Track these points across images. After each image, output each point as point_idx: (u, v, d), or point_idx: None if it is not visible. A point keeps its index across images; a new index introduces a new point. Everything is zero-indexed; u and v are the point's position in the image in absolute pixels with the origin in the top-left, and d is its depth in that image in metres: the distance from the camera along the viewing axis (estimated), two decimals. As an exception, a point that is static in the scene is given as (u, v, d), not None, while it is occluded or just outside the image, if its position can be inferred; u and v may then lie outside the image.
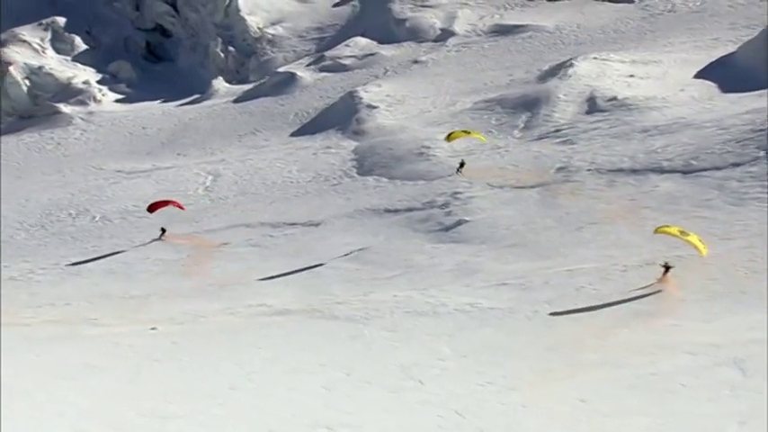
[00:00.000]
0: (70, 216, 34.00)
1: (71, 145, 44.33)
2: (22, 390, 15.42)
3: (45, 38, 52.53)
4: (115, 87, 50.55)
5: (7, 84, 49.31)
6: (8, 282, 27.27)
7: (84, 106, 48.08)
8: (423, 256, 24.22)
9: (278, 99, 44.19)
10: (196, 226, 30.71)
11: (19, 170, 42.03)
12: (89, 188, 37.76)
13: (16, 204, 36.88)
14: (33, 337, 20.46)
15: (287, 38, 50.79)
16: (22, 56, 50.47)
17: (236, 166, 36.80)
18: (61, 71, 50.41)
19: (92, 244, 30.51)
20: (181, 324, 21.12)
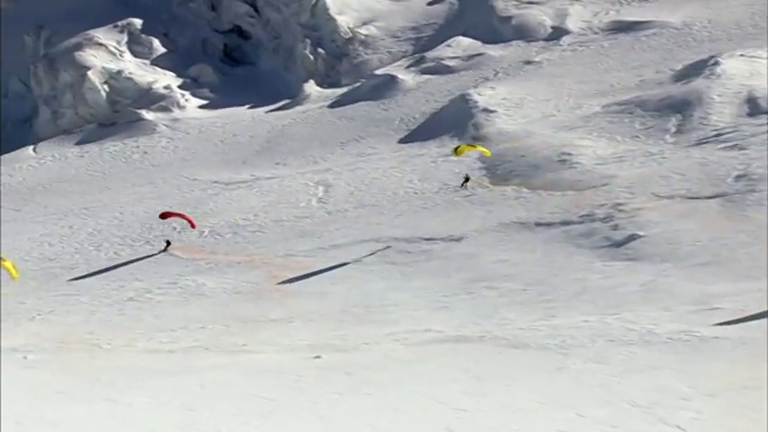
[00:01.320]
0: (175, 230, 32.99)
1: (158, 154, 43.52)
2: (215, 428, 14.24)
3: (121, 40, 51.97)
4: (197, 92, 49.73)
5: (85, 89, 48.72)
6: (128, 303, 26.30)
7: (168, 113, 47.31)
8: (596, 275, 22.75)
9: (379, 103, 43.01)
10: (318, 241, 29.54)
11: (106, 181, 41.28)
12: (188, 200, 36.81)
13: (112, 218, 36.05)
14: (186, 365, 19.33)
15: (380, 38, 49.64)
16: (100, 60, 49.92)
17: (346, 176, 35.62)
18: (141, 76, 49.74)
19: (205, 261, 29.48)
20: (344, 352, 19.84)
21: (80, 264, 31.27)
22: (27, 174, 42.93)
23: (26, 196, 40.39)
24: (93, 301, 26.70)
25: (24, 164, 44.19)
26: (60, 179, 41.94)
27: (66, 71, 49.48)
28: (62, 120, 48.67)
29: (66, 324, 24.73)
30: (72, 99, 48.91)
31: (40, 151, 45.73)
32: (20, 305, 27.10)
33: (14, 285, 29.70)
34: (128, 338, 22.56)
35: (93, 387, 17.15)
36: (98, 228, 35.12)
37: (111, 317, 25.22)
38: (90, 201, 38.95)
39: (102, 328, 24.07)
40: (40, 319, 25.37)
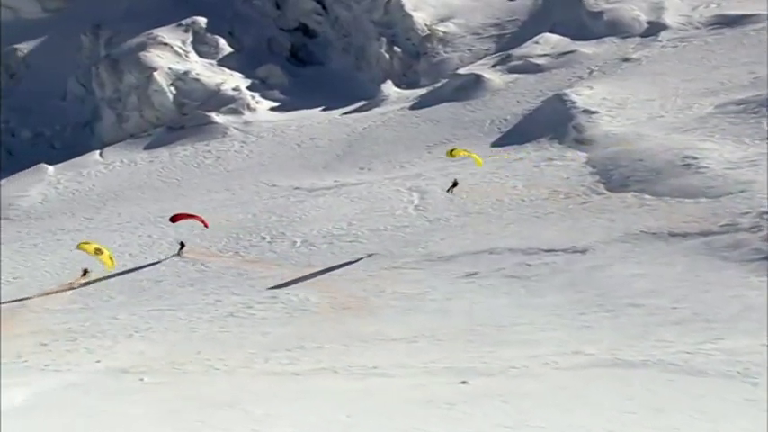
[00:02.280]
0: (264, 240, 32.02)
1: (232, 158, 42.64)
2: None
3: (186, 40, 51.22)
4: (267, 94, 48.84)
5: (151, 91, 48.03)
6: (229, 319, 25.30)
7: (239, 115, 46.43)
8: (754, 291, 21.36)
9: (465, 104, 41.79)
10: (424, 252, 28.36)
11: (180, 187, 40.46)
12: (271, 208, 35.84)
13: (192, 227, 35.12)
14: (319, 389, 18.24)
15: (460, 36, 48.43)
16: (166, 60, 49.19)
17: (440, 182, 34.43)
18: (208, 77, 48.94)
19: (305, 274, 28.41)
20: (490, 376, 18.63)
21: (167, 276, 30.38)
22: (96, 180, 42.24)
23: (97, 204, 39.68)
24: (190, 317, 25.73)
25: (92, 169, 43.52)
26: (132, 186, 41.20)
27: (130, 72, 48.83)
28: (127, 123, 48.01)
29: (168, 342, 23.76)
30: (137, 102, 48.26)
31: (107, 156, 45.07)
32: (113, 321, 26.23)
33: (102, 299, 29.02)
34: (242, 359, 21.52)
35: (230, 416, 16.14)
36: (180, 238, 34.21)
37: (214, 334, 24.22)
38: (165, 208, 38.04)
39: (209, 346, 23.06)
40: (139, 337, 24.42)
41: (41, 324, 26.61)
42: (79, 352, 23.34)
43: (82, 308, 28.15)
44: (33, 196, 40.61)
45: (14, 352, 23.41)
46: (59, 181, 42.25)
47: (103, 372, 20.86)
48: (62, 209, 39.28)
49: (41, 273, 32.52)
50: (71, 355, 23.04)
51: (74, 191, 41.16)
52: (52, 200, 40.30)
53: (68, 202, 39.91)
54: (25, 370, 21.42)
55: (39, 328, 26.19)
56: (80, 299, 29.16)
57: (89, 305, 28.40)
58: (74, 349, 23.63)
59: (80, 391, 18.87)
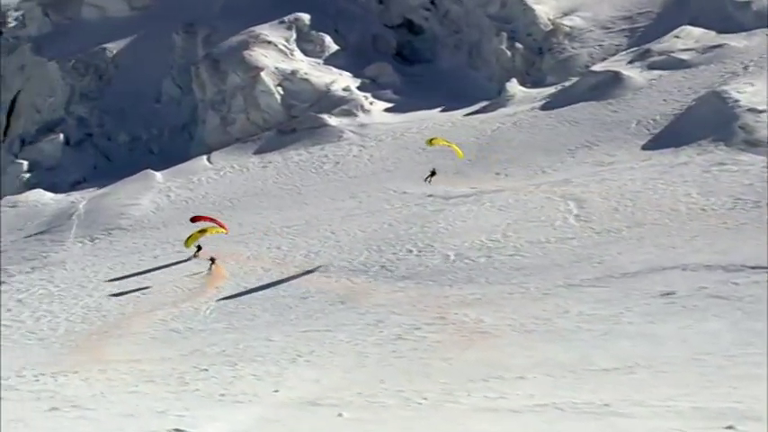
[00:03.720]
0: (411, 253, 30.34)
1: (352, 163, 41.10)
2: None
3: (290, 38, 49.84)
4: (379, 94, 47.27)
5: (258, 92, 46.69)
6: (398, 342, 23.58)
7: (353, 117, 44.91)
8: None
9: (604, 104, 39.77)
10: (602, 268, 26.41)
11: (300, 195, 38.98)
12: (406, 217, 34.17)
13: (324, 238, 33.61)
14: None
15: (588, 30, 46.43)
16: (271, 59, 47.83)
17: (595, 188, 32.49)
18: (317, 76, 47.49)
19: (468, 291, 26.67)
20: (759, 420, 16.70)
21: (312, 292, 28.86)
22: (208, 187, 40.97)
23: (213, 212, 38.19)
24: (354, 340, 24.08)
25: (202, 176, 42.27)
26: (247, 193, 39.85)
27: (234, 73, 47.54)
28: (232, 126, 46.73)
29: (340, 369, 22.11)
30: (243, 103, 46.98)
31: (216, 161, 43.79)
32: (268, 343, 24.67)
33: (247, 318, 27.56)
34: (438, 390, 19.80)
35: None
36: (313, 250, 32.72)
37: (388, 360, 22.52)
38: (289, 218, 36.66)
39: (390, 375, 21.36)
40: (304, 362, 22.80)
41: (189, 345, 25.20)
42: (247, 379, 21.79)
43: (227, 328, 26.72)
44: (145, 204, 39.43)
45: (177, 378, 22.00)
46: (170, 188, 41.05)
47: (291, 404, 19.29)
48: (176, 218, 38.02)
49: (171, 288, 31.24)
50: (240, 383, 21.48)
51: (186, 199, 39.91)
52: (165, 208, 39.09)
53: (182, 211, 38.61)
54: (202, 400, 19.93)
55: (188, 349, 24.76)
56: (223, 317, 27.73)
57: (234, 325, 26.96)
58: (239, 376, 22.10)
59: (283, 428, 17.32)
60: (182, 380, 21.75)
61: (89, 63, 56.67)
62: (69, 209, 39.95)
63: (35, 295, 31.65)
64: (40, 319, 29.10)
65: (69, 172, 47.20)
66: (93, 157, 49.07)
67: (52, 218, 39.65)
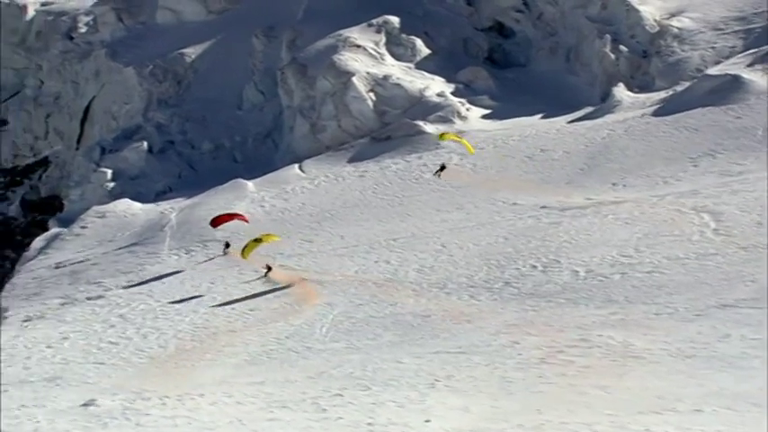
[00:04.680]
0: (536, 269, 29.08)
1: (454, 173, 39.81)
2: None
3: (379, 41, 48.88)
4: (475, 100, 46.12)
5: (349, 98, 45.76)
6: (543, 366, 22.27)
7: (449, 124, 43.79)
8: None
9: (725, 110, 38.18)
10: (754, 286, 25.01)
11: (402, 206, 37.92)
12: (521, 230, 32.93)
13: (435, 252, 32.49)
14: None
15: (698, 32, 44.89)
16: (361, 64, 46.92)
17: (731, 200, 31.01)
18: (410, 81, 46.47)
19: (608, 311, 25.34)
20: None
21: (433, 310, 27.72)
22: (303, 197, 40.07)
23: (312, 224, 37.44)
24: (494, 362, 22.82)
25: (295, 185, 41.39)
26: (346, 204, 38.88)
27: (324, 78, 46.67)
28: (323, 134, 45.85)
29: (487, 396, 20.85)
30: (333, 110, 46.09)
31: (308, 171, 42.90)
32: (398, 365, 23.57)
33: (368, 337, 26.48)
34: (608, 423, 18.51)
35: None
36: (425, 264, 31.60)
37: (536, 386, 21.18)
38: (393, 230, 35.60)
39: (543, 403, 20.08)
40: (445, 388, 21.59)
41: (313, 366, 24.15)
42: (388, 406, 20.65)
43: (348, 348, 25.65)
44: (240, 216, 38.61)
45: (311, 404, 20.98)
46: (263, 198, 40.21)
47: (452, 437, 18.19)
48: (274, 229, 37.00)
49: (278, 303, 30.31)
50: (383, 410, 20.34)
51: (282, 209, 39.01)
52: (260, 219, 38.19)
53: (279, 223, 37.75)
54: (350, 430, 18.91)
55: (312, 371, 23.71)
56: (341, 336, 26.67)
57: (355, 344, 25.90)
58: (379, 402, 20.98)
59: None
60: (317, 406, 20.73)
61: (167, 69, 56.24)
62: (161, 220, 39.27)
63: (137, 310, 30.91)
64: (147, 336, 28.31)
65: (154, 181, 46.65)
66: (177, 165, 48.48)
67: (143, 229, 39.00)
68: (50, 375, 25.11)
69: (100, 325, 29.67)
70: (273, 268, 33.07)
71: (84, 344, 27.92)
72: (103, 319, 30.21)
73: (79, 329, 29.31)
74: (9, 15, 71.01)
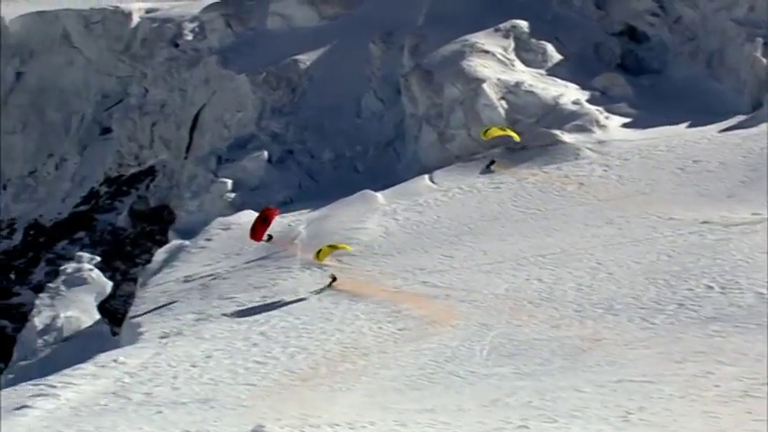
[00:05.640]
0: (710, 289, 27.41)
1: (599, 185, 38.39)
2: None
3: (508, 47, 47.59)
4: (613, 108, 44.49)
5: (480, 106, 44.52)
6: (747, 399, 20.54)
7: (588, 133, 42.28)
8: None
9: None
10: None
11: (546, 219, 36.45)
12: (685, 247, 31.23)
13: (591, 269, 30.96)
14: None
15: None
16: (491, 70, 45.66)
17: None
18: (543, 88, 45.09)
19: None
20: None
21: (603, 333, 26.20)
22: (438, 210, 38.90)
23: (451, 239, 36.21)
24: (689, 394, 21.08)
25: (428, 197, 40.22)
26: (484, 217, 37.57)
27: (452, 85, 45.50)
28: (452, 143, 44.66)
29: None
30: (463, 118, 44.88)
31: (440, 182, 41.71)
32: (579, 394, 22.04)
33: (535, 362, 25.11)
34: None
35: None
36: (583, 283, 30.09)
37: (748, 424, 19.49)
38: (539, 246, 34.15)
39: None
40: (640, 422, 19.97)
41: (483, 393, 22.88)
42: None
43: (516, 373, 24.28)
44: (373, 229, 37.57)
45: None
46: (395, 211, 39.13)
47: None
48: (410, 244, 36.05)
49: (427, 321, 29.10)
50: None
51: (416, 222, 37.86)
52: (395, 233, 37.14)
53: (415, 236, 36.63)
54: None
55: (485, 398, 22.42)
56: (505, 360, 25.21)
57: (522, 369, 24.47)
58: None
59: None
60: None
61: (281, 76, 55.66)
62: (289, 232, 38.45)
63: (278, 328, 30.00)
64: (294, 356, 27.36)
65: (274, 191, 45.93)
66: (297, 175, 47.75)
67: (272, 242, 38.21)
68: (202, 397, 24.32)
69: (242, 343, 28.82)
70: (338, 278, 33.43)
71: (229, 363, 27.09)
72: (244, 337, 29.35)
73: (221, 347, 28.50)
74: (114, 23, 71.63)
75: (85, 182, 69.70)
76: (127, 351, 28.70)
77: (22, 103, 72.51)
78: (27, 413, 23.19)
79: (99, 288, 40.92)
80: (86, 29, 72.24)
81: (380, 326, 29.23)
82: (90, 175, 69.87)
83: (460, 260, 34.18)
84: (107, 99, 72.61)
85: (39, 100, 72.64)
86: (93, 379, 25.91)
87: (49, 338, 37.65)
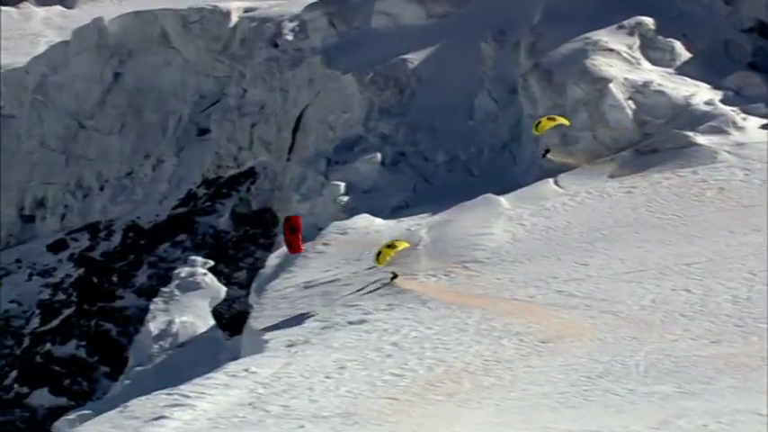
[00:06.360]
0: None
1: (742, 190, 36.67)
2: None
3: (633, 45, 46.02)
4: (748, 108, 42.62)
5: (606, 107, 43.02)
6: None
7: (724, 135, 40.48)
8: None
9: None
10: None
11: (685, 225, 34.78)
12: None
13: (741, 279, 29.37)
14: None
15: None
16: (617, 69, 44.15)
17: None
18: (672, 88, 43.43)
19: None
20: None
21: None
22: (567, 215, 37.49)
23: (584, 245, 34.78)
24: None
25: (555, 202, 38.84)
26: (617, 223, 36.09)
27: (576, 85, 44.07)
28: (575, 145, 43.21)
29: None
30: (588, 120, 43.42)
31: (566, 186, 40.28)
32: (759, 417, 20.69)
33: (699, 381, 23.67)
34: None
35: None
36: (739, 294, 28.47)
37: None
38: (681, 254, 32.55)
39: None
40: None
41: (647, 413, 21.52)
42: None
43: (680, 392, 22.78)
44: (499, 234, 36.34)
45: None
46: (521, 216, 37.85)
47: None
48: (540, 251, 34.75)
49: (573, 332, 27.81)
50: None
51: (545, 228, 36.54)
52: (523, 239, 35.88)
53: (545, 243, 35.33)
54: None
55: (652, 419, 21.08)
56: (665, 377, 23.83)
57: (685, 388, 22.98)
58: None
59: None
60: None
61: (389, 76, 54.72)
62: (410, 238, 37.36)
63: (410, 338, 28.98)
64: (432, 368, 26.30)
65: (388, 195, 44.95)
66: (411, 178, 46.75)
67: (395, 248, 37.27)
68: (343, 410, 23.39)
69: (375, 353, 27.84)
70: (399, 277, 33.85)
71: (365, 375, 26.13)
72: (376, 347, 28.37)
73: (353, 358, 27.55)
74: (212, 22, 71.75)
75: (183, 183, 69.80)
76: (256, 360, 27.90)
77: (119, 104, 72.99)
78: (165, 424, 22.56)
79: (213, 293, 40.54)
80: (184, 29, 72.50)
81: (520, 338, 28.00)
82: (187, 177, 69.95)
83: (596, 268, 32.77)
84: (204, 100, 72.72)
85: (136, 100, 73.06)
86: (225, 389, 25.17)
87: (164, 344, 37.34)
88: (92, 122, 72.14)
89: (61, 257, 66.27)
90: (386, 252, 33.64)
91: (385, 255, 33.61)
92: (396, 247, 34.05)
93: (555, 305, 30.47)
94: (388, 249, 33.75)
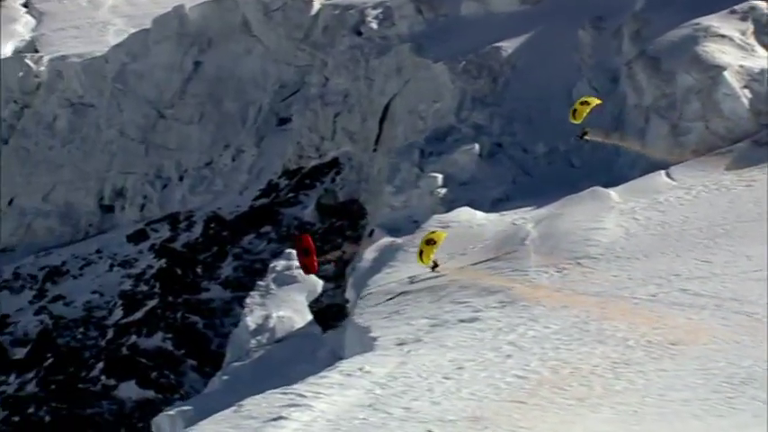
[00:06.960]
0: None
1: None
2: None
3: (746, 30, 44.25)
4: None
5: (720, 96, 41.32)
6: None
7: None
8: None
9: None
10: None
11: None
12: None
13: None
14: None
15: None
16: (732, 57, 42.45)
17: None
18: (797, 76, 41.72)
19: None
20: None
21: None
22: (683, 210, 35.96)
23: (704, 241, 33.19)
24: None
25: (668, 195, 37.29)
26: (740, 218, 34.41)
27: (687, 73, 42.42)
28: (686, 136, 41.62)
29: None
30: (700, 109, 41.80)
31: (679, 179, 38.72)
32: None
33: None
34: None
35: None
36: None
37: None
38: (812, 251, 31.07)
39: None
40: None
41: None
42: None
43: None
44: (612, 229, 34.93)
45: None
46: (634, 210, 36.39)
47: None
48: (657, 247, 33.28)
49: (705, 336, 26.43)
50: None
51: (660, 223, 35.07)
52: (637, 234, 34.44)
53: (661, 238, 33.85)
54: None
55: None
56: None
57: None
58: None
59: None
60: None
61: (482, 64, 53.53)
62: (516, 232, 36.21)
63: (527, 337, 27.76)
64: (557, 370, 25.06)
65: (488, 187, 43.78)
66: (510, 170, 45.55)
67: (498, 242, 36.03)
68: (469, 414, 22.31)
69: (492, 353, 26.68)
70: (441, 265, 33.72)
71: (485, 376, 24.99)
72: (493, 347, 27.20)
73: (470, 358, 26.42)
74: (294, 10, 71.24)
75: (263, 174, 69.36)
76: (369, 359, 26.90)
77: (199, 93, 72.90)
78: (285, 425, 21.70)
79: (310, 287, 39.78)
80: (266, 16, 72.14)
81: (648, 338, 26.63)
82: (268, 167, 69.49)
83: (721, 266, 31.20)
84: (284, 89, 72.29)
85: (216, 90, 72.92)
86: (341, 389, 24.24)
87: (262, 339, 36.65)
88: (171, 111, 72.16)
89: (141, 248, 66.20)
90: (428, 250, 33.26)
91: (428, 253, 33.21)
92: (436, 242, 33.49)
93: (680, 305, 28.98)
94: (428, 246, 33.33)
